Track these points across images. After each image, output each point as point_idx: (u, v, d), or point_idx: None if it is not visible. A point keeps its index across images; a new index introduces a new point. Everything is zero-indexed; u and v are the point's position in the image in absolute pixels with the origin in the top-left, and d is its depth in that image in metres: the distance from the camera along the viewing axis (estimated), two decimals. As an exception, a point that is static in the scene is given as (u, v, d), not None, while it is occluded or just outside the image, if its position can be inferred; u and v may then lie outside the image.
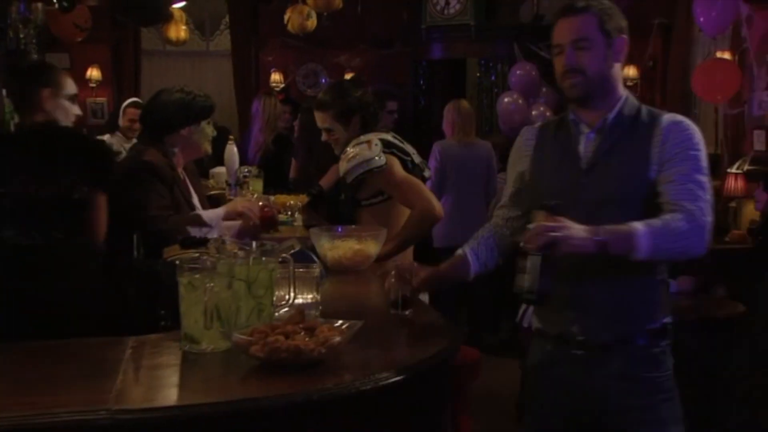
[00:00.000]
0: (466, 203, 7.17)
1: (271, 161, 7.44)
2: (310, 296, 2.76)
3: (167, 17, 7.62)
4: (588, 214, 2.54)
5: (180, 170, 4.03)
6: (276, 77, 10.75)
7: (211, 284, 2.28)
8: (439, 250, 7.23)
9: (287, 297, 2.64)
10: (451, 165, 7.18)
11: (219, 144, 8.19)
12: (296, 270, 2.75)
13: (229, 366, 2.27)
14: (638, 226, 2.45)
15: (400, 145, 4.12)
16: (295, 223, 5.07)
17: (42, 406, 1.91)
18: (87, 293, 2.93)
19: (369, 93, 4.16)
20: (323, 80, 10.72)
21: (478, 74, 10.24)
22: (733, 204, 7.05)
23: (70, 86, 3.75)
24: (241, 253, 2.54)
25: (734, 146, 7.32)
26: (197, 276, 2.33)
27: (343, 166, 3.96)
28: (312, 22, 7.39)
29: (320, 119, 4.14)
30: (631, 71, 8.99)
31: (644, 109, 2.71)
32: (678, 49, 8.51)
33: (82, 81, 10.34)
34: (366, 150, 3.91)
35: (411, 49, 10.24)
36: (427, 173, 4.25)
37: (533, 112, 8.70)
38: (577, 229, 2.43)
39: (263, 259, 2.47)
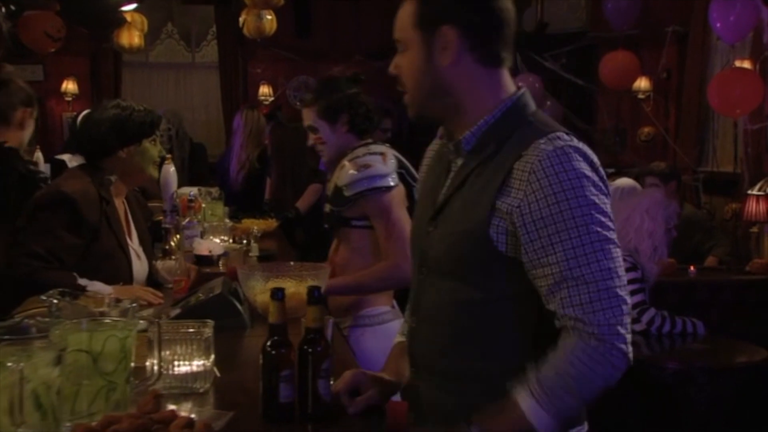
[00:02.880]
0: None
1: (256, 180, 6.88)
2: (198, 364, 2.10)
3: (120, 22, 6.99)
4: (434, 288, 1.92)
5: (120, 201, 3.44)
6: (265, 90, 10.19)
7: (20, 364, 1.62)
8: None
9: (165, 367, 2.00)
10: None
11: (197, 162, 7.72)
12: (183, 330, 2.12)
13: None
14: (522, 395, 1.72)
15: (409, 167, 3.47)
16: (251, 254, 4.41)
17: None
18: None
19: (365, 95, 3.49)
20: (316, 94, 10.08)
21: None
22: (754, 229, 6.40)
23: None
24: (112, 312, 1.91)
25: (755, 165, 6.66)
26: (10, 349, 1.68)
27: (346, 174, 3.28)
28: (270, 24, 6.73)
29: (306, 116, 3.50)
30: (644, 83, 8.38)
31: (529, 124, 1.84)
32: (694, 58, 7.86)
33: (57, 94, 9.82)
34: (380, 163, 3.28)
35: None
36: None
37: None
38: None
39: (117, 321, 1.82)
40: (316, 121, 3.47)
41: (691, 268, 5.76)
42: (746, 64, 6.60)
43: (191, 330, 2.13)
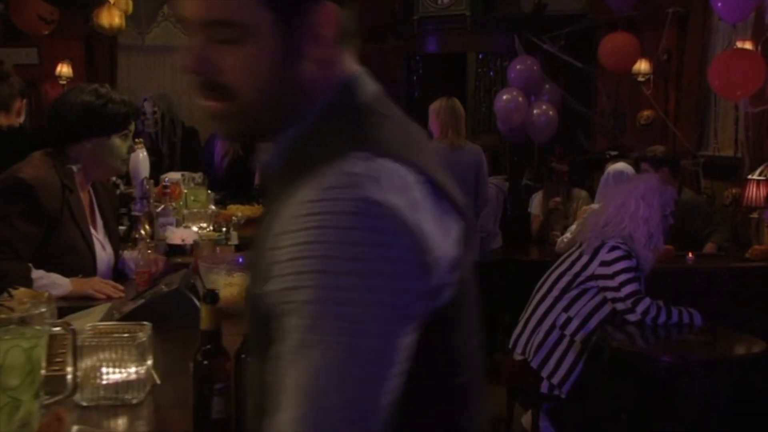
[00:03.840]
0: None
1: (240, 166, 6.74)
2: (131, 371, 1.95)
3: (100, 1, 6.80)
4: (252, 374, 1.34)
5: (85, 191, 3.30)
6: (263, 71, 9.86)
7: None
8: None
9: (93, 376, 1.84)
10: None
11: (189, 147, 7.56)
12: (117, 334, 1.97)
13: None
14: None
15: None
16: (230, 242, 4.27)
17: None
18: None
19: None
20: (312, 77, 9.89)
21: (478, 69, 9.38)
22: (754, 215, 6.19)
23: None
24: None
25: (756, 149, 6.46)
26: None
27: None
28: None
29: None
30: (644, 65, 8.15)
31: (334, 134, 1.23)
32: (695, 39, 7.65)
33: (52, 78, 9.66)
34: None
35: (404, 44, 9.40)
36: None
37: (534, 111, 7.95)
38: None
39: (23, 329, 1.66)
40: None
41: (690, 254, 5.59)
42: (748, 45, 6.37)
43: (125, 335, 1.98)
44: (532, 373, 4.50)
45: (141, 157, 4.02)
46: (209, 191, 5.73)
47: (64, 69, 9.52)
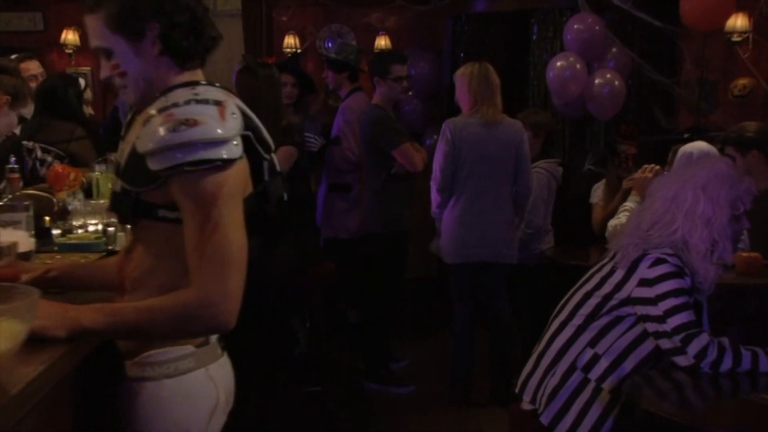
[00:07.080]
0: (485, 203, 5.51)
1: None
2: None
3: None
4: None
5: None
6: (290, 41, 9.00)
7: None
8: (452, 268, 5.71)
9: None
10: (467, 151, 5.50)
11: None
12: None
13: None
14: None
15: (259, 126, 2.15)
16: (114, 248, 3.24)
17: None
18: None
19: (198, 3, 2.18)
20: (350, 45, 8.97)
21: (535, 32, 8.21)
22: None
23: None
24: None
25: None
26: None
27: (154, 133, 1.95)
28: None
29: (90, 29, 2.15)
30: (740, 21, 7.05)
31: None
32: (805, -14, 6.43)
33: (59, 46, 8.96)
34: (214, 119, 1.95)
35: (450, 3, 8.36)
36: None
37: (596, 81, 6.82)
38: None
39: None
40: (107, 37, 2.09)
41: (782, 264, 4.34)
42: None
43: None
44: (544, 431, 3.39)
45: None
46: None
47: (69, 36, 8.81)
